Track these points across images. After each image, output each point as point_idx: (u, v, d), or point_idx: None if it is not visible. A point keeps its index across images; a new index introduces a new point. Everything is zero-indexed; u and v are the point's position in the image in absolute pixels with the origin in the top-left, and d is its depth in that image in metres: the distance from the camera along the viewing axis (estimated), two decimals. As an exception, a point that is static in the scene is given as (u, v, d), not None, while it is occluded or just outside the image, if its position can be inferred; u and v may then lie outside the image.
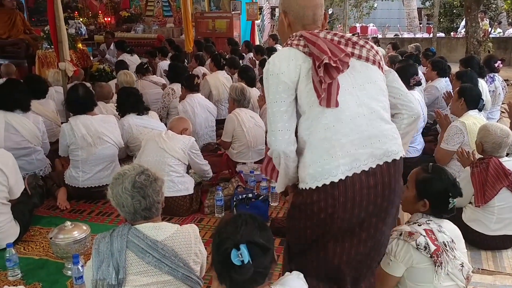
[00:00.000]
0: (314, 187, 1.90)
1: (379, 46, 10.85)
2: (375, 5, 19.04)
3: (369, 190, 1.90)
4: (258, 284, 1.61)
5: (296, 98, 1.94)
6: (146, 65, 7.12)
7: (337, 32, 2.05)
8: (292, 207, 2.06)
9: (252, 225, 1.61)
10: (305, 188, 1.94)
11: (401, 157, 1.98)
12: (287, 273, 1.84)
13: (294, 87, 1.92)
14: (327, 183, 1.87)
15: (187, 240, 2.14)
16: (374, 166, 1.90)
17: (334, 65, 1.83)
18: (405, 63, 5.29)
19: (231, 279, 1.57)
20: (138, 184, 2.09)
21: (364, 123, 1.91)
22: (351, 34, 2.46)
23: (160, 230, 2.11)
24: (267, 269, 1.61)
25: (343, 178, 1.87)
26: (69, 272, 3.10)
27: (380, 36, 16.92)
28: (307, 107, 1.91)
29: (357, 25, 19.09)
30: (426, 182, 2.36)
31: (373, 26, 19.58)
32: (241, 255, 1.52)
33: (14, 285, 2.86)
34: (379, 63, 2.02)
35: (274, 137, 1.94)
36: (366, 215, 1.94)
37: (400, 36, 17.35)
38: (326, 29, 2.09)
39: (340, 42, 1.94)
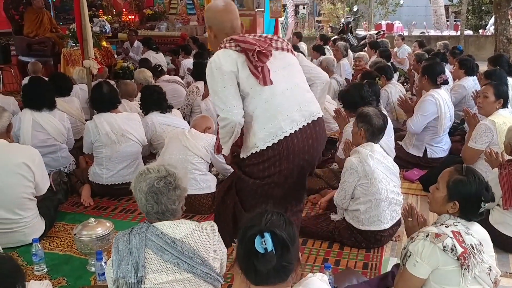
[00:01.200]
0: (265, 148, 2.49)
1: (405, 43, 10.70)
2: (401, 2, 18.81)
3: (303, 143, 2.53)
4: (282, 280, 1.60)
5: (238, 85, 2.47)
6: (160, 68, 7.25)
7: (257, 34, 2.65)
8: (241, 171, 2.65)
9: (278, 218, 1.62)
10: (256, 152, 2.52)
11: (320, 117, 2.65)
12: (309, 274, 1.82)
13: (235, 76, 2.45)
14: (276, 141, 2.47)
15: (206, 237, 2.14)
16: (305, 125, 2.55)
17: (263, 51, 2.44)
18: (432, 61, 5.21)
19: (255, 270, 1.56)
20: (154, 190, 2.08)
21: (292, 93, 2.55)
22: (376, 31, 2.79)
23: (179, 228, 2.11)
24: (291, 264, 1.60)
25: (287, 135, 2.48)
26: (93, 268, 3.14)
27: (406, 33, 16.66)
28: (249, 89, 2.47)
29: (383, 22, 18.89)
30: (458, 184, 2.29)
31: (399, 23, 19.33)
32: (264, 242, 1.52)
33: (40, 280, 2.89)
34: (291, 50, 2.68)
35: (231, 112, 2.43)
36: (302, 163, 2.59)
37: (427, 34, 17.05)
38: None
39: (261, 38, 2.54)
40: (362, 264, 3.23)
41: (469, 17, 17.27)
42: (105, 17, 11.89)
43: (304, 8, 21.25)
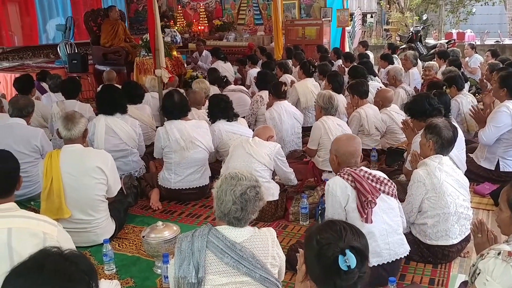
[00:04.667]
0: None
1: (476, 52, 10.28)
2: (474, 10, 18.07)
3: None
4: None
5: (345, 210, 2.90)
6: (225, 78, 7.39)
7: (367, 170, 2.99)
8: None
9: (350, 231, 1.64)
10: None
11: (403, 257, 3.06)
12: None
13: (343, 205, 2.90)
14: None
15: (265, 243, 2.18)
16: (390, 262, 2.93)
17: (373, 201, 2.83)
18: (508, 71, 4.97)
19: (334, 285, 1.58)
20: (246, 197, 2.15)
21: (386, 234, 2.90)
22: (446, 40, 2.74)
23: (239, 232, 2.16)
24: (365, 274, 1.61)
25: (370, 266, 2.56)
26: (159, 271, 3.23)
27: (478, 42, 15.96)
28: (351, 220, 2.76)
29: (453, 31, 18.22)
30: None
31: (471, 32, 18.55)
32: (347, 261, 1.54)
33: (109, 279, 3.01)
34: (396, 195, 3.01)
35: None
36: None
37: (501, 43, 16.25)
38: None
39: (373, 180, 2.92)
40: (428, 280, 3.13)
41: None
42: (176, 28, 12.27)
43: (372, 17, 20.94)
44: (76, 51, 10.50)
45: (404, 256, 3.06)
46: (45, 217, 2.39)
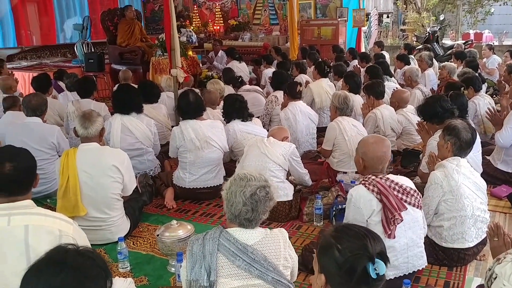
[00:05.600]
0: None
1: (494, 53, 10.15)
2: (492, 10, 17.81)
3: None
4: None
5: (366, 222, 2.78)
6: (240, 79, 7.38)
7: (393, 178, 2.86)
8: None
9: (370, 236, 1.63)
10: None
11: (421, 269, 2.98)
12: None
13: (366, 218, 2.78)
14: None
15: (276, 244, 2.17)
16: (406, 274, 2.85)
17: (400, 218, 2.74)
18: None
19: None
20: (256, 197, 2.14)
21: (406, 248, 2.82)
22: (464, 41, 2.69)
23: (250, 234, 2.16)
24: (384, 275, 1.60)
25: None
26: (173, 269, 3.24)
27: (496, 43, 15.75)
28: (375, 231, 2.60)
29: (471, 31, 17.98)
30: None
31: (489, 32, 18.29)
32: (377, 268, 1.53)
33: (123, 277, 3.00)
34: (420, 205, 2.91)
35: None
36: None
37: (520, 43, 16.02)
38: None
39: (399, 191, 2.81)
40: (443, 283, 3.10)
41: None
42: (192, 28, 12.33)
43: (388, 17, 20.77)
44: (93, 50, 10.59)
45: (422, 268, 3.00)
46: (61, 215, 2.41)
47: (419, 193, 2.93)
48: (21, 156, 2.41)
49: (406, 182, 2.93)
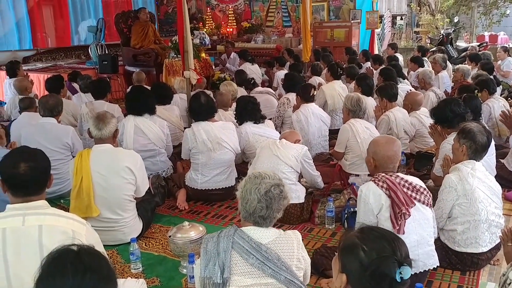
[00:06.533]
0: None
1: (509, 55, 10.03)
2: (508, 12, 17.61)
3: None
4: None
5: (376, 217, 2.85)
6: (253, 81, 7.38)
7: (403, 176, 2.90)
8: None
9: (399, 240, 1.66)
10: None
11: (432, 268, 2.97)
12: None
13: (376, 213, 2.84)
14: None
15: (290, 245, 2.18)
16: (416, 273, 2.84)
17: (407, 213, 2.76)
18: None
19: None
20: (271, 195, 2.16)
21: (416, 245, 2.81)
22: (478, 43, 2.71)
23: (264, 234, 2.17)
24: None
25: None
26: (184, 270, 3.26)
27: (511, 45, 15.60)
28: (384, 227, 2.54)
29: (486, 33, 17.81)
30: None
31: (504, 34, 18.09)
32: (402, 272, 1.55)
33: (136, 278, 3.04)
34: (430, 204, 2.93)
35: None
36: None
37: (536, 46, 15.81)
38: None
39: (408, 188, 2.84)
40: (456, 287, 3.07)
41: None
42: (205, 30, 12.37)
43: (401, 19, 20.65)
44: (107, 52, 10.67)
45: (433, 268, 3.00)
46: (74, 215, 2.43)
47: (429, 192, 2.94)
48: (36, 157, 2.43)
49: (416, 180, 2.95)
